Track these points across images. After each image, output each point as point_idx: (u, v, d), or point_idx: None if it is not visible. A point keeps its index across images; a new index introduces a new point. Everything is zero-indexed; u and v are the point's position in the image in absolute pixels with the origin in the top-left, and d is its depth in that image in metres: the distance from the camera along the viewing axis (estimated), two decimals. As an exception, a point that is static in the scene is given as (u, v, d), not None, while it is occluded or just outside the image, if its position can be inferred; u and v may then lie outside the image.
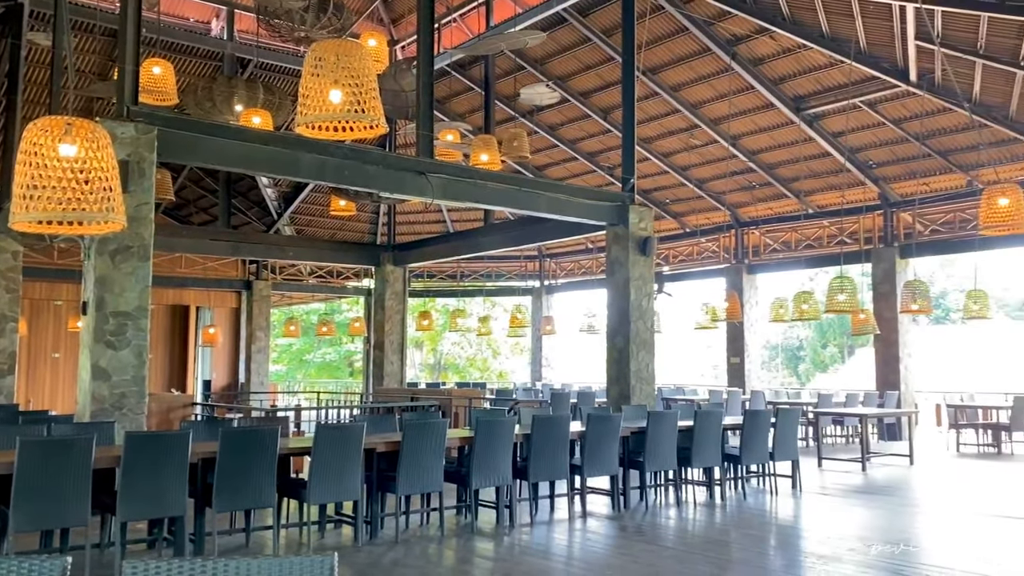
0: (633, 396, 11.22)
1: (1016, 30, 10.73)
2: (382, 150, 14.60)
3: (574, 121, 17.14)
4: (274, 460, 6.09)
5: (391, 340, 16.65)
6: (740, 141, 16.00)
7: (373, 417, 9.62)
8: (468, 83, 16.76)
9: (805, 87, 14.15)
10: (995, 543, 6.74)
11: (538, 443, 7.45)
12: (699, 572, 5.85)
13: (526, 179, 13.51)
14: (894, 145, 14.75)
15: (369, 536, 6.77)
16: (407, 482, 6.68)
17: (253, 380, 19.55)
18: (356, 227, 20.49)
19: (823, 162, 15.71)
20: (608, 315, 11.80)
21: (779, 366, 37.28)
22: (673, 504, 8.50)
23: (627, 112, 11.98)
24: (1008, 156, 13.80)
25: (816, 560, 6.18)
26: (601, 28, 14.18)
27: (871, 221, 16.05)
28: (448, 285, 22.69)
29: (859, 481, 10.32)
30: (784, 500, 8.82)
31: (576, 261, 22.11)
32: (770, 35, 13.03)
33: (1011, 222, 8.43)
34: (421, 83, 10.30)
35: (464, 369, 34.33)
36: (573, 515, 7.83)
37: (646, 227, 11.73)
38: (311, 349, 35.04)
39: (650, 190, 18.44)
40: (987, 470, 11.43)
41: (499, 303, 31.54)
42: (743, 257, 18.18)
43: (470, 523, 7.25)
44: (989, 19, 10.66)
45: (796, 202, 16.93)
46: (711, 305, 17.24)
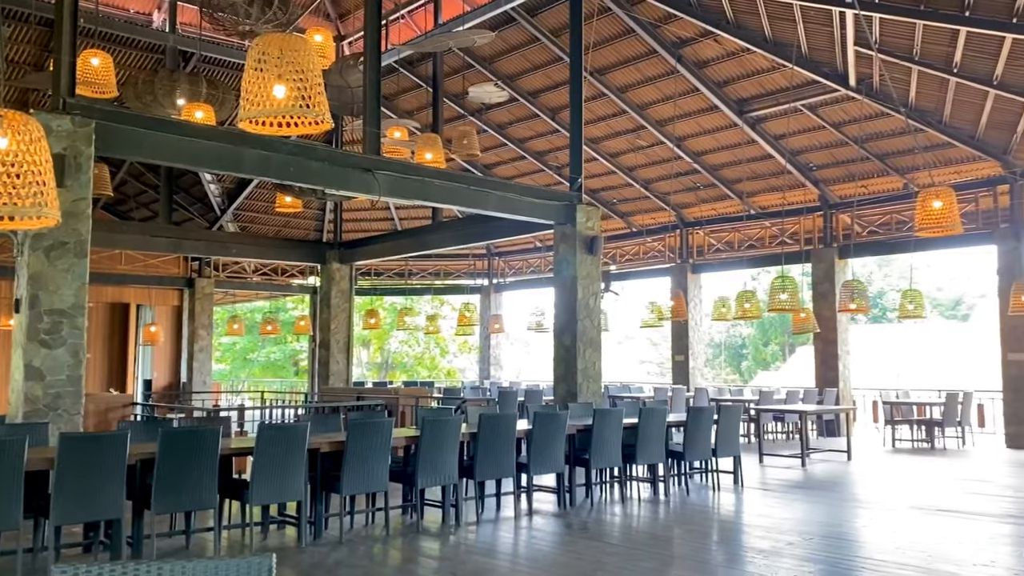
0: (580, 394, 11.30)
1: (949, 37, 11.08)
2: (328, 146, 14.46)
3: (523, 120, 17.19)
4: (215, 461, 5.99)
5: (337, 339, 16.49)
6: (685, 142, 16.22)
7: (318, 417, 9.52)
8: (416, 80, 16.68)
9: (748, 90, 14.40)
10: (927, 535, 6.95)
11: (484, 442, 7.45)
12: (643, 568, 5.92)
13: (474, 177, 13.50)
14: (834, 148, 15.12)
15: (313, 537, 6.70)
16: (352, 482, 6.63)
17: (195, 379, 19.18)
18: (302, 224, 20.24)
19: (765, 164, 16.02)
20: (555, 313, 11.86)
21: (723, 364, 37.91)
22: (618, 501, 8.59)
23: (575, 112, 12.05)
24: (942, 160, 14.25)
25: (756, 555, 6.31)
26: (549, 28, 14.25)
27: (811, 222, 16.43)
28: (396, 283, 22.56)
29: (799, 476, 10.55)
30: (726, 496, 8.98)
31: (525, 260, 22.17)
32: (714, 38, 13.23)
33: (945, 224, 8.71)
34: (368, 79, 10.22)
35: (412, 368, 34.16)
36: (519, 513, 7.86)
37: (593, 226, 11.82)
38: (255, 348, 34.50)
39: (597, 190, 18.59)
40: (921, 465, 11.78)
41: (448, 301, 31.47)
42: (688, 257, 18.44)
43: (416, 522, 7.22)
44: (924, 27, 10.99)
45: (739, 203, 17.23)
46: (657, 304, 17.46)
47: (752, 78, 14.04)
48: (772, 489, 9.53)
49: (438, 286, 23.07)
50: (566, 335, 11.57)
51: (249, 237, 18.72)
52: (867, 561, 6.12)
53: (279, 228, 20.22)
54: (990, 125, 12.98)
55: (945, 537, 6.87)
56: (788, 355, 34.88)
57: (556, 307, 11.83)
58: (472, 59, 15.52)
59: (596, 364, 11.70)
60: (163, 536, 6.52)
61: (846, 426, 13.35)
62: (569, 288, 11.56)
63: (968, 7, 10.14)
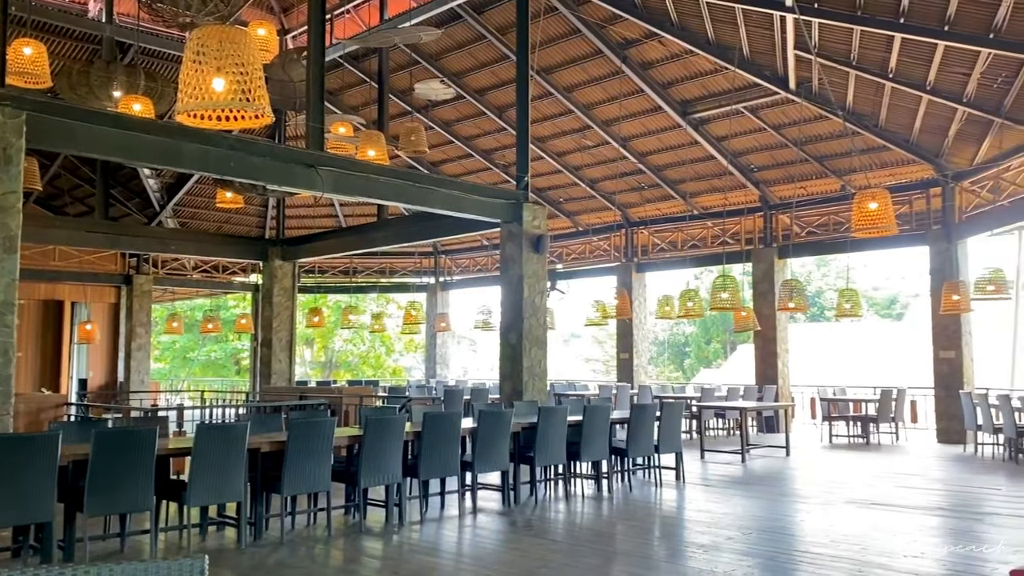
0: (526, 392, 11.33)
1: (885, 43, 11.39)
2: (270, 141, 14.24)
3: (469, 118, 17.16)
4: (151, 461, 5.85)
5: (279, 337, 16.25)
6: (630, 143, 16.38)
7: (259, 416, 9.38)
8: (362, 76, 16.53)
9: (692, 92, 14.61)
10: (861, 528, 7.14)
11: (429, 440, 7.42)
12: (586, 564, 5.96)
13: (420, 174, 13.43)
14: (774, 150, 15.42)
15: (253, 538, 6.59)
16: (293, 482, 6.54)
17: (133, 379, 18.72)
18: (243, 220, 19.91)
19: (708, 165, 16.26)
20: (502, 312, 11.87)
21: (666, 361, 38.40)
22: (562, 498, 8.63)
23: (521, 111, 12.07)
24: (878, 163, 14.64)
25: (697, 549, 6.40)
26: (496, 26, 14.25)
27: (752, 222, 16.74)
28: (340, 281, 22.32)
29: (739, 472, 10.74)
30: (668, 492, 9.10)
31: (472, 258, 22.14)
32: (659, 40, 13.38)
33: (880, 225, 8.96)
34: (311, 74, 10.09)
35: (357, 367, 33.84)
36: (464, 511, 7.85)
37: (539, 225, 11.85)
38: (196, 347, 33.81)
39: (544, 189, 18.66)
40: (856, 459, 12.10)
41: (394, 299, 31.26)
42: (633, 256, 18.63)
43: (359, 522, 7.16)
44: (861, 32, 11.28)
45: (683, 203, 17.47)
46: (602, 302, 17.61)
47: (695, 80, 14.25)
48: (713, 485, 9.68)
49: (384, 284, 22.90)
50: (512, 333, 11.58)
51: (189, 233, 18.33)
52: (804, 554, 6.26)
53: (220, 224, 19.85)
54: (924, 129, 13.38)
55: (878, 529, 7.06)
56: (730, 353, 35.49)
57: (502, 305, 11.84)
58: (418, 55, 15.45)
59: (542, 362, 11.74)
60: (96, 539, 6.35)
61: (785, 422, 13.64)
62: (515, 286, 11.58)
63: (903, 14, 10.44)
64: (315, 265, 21.51)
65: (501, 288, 11.93)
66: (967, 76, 11.51)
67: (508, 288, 11.73)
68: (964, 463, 11.63)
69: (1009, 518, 7.65)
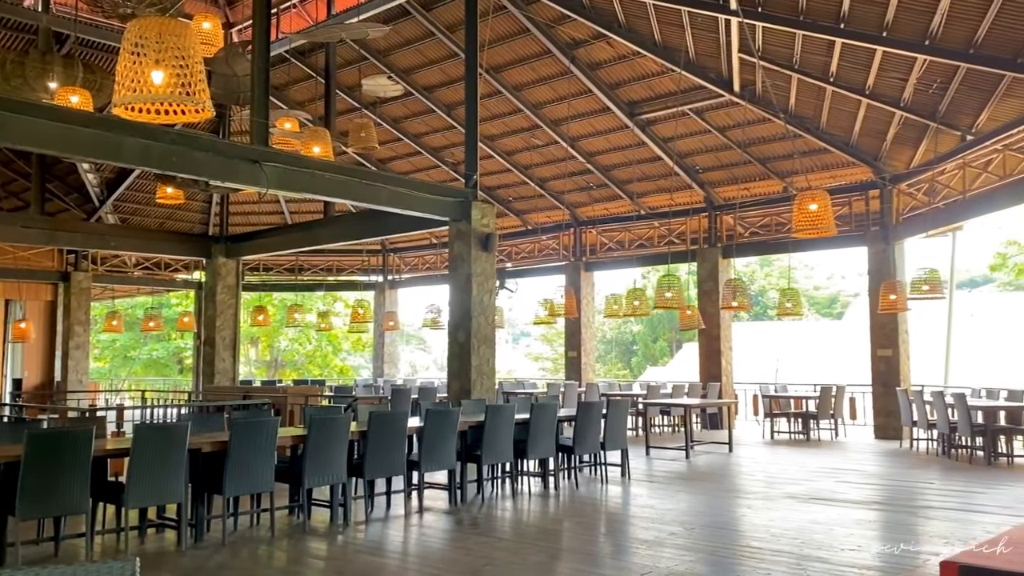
0: (474, 391, 11.32)
1: (826, 48, 11.65)
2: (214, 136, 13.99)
3: (418, 115, 17.08)
4: (87, 463, 5.71)
5: (223, 336, 15.97)
6: (579, 143, 16.48)
7: (201, 416, 9.22)
8: (308, 71, 16.33)
9: (639, 93, 14.75)
10: (801, 522, 7.30)
11: (374, 440, 7.37)
12: (531, 562, 5.98)
13: (367, 171, 13.31)
14: (719, 151, 15.67)
15: (194, 539, 6.48)
16: (235, 483, 6.44)
17: (71, 378, 18.23)
18: (186, 217, 19.52)
19: (654, 166, 16.45)
20: (450, 311, 11.84)
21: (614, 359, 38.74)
22: (509, 496, 8.65)
23: (470, 109, 12.05)
24: (819, 165, 14.97)
25: (641, 545, 6.47)
26: (445, 24, 14.20)
27: (697, 223, 16.98)
28: (286, 279, 22.03)
29: (683, 468, 10.89)
30: (614, 488, 9.18)
31: (420, 256, 22.05)
32: (607, 41, 13.49)
33: (819, 226, 9.16)
34: (256, 68, 9.93)
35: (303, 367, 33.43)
36: (410, 511, 7.82)
37: (488, 224, 11.85)
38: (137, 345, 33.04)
39: (493, 187, 18.67)
40: (797, 455, 12.35)
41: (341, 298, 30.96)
42: (581, 255, 18.75)
43: (303, 523, 7.08)
44: (803, 36, 11.52)
45: (630, 203, 17.64)
46: (550, 301, 17.68)
47: (642, 81, 14.39)
48: (658, 481, 9.80)
49: (331, 282, 22.66)
50: (460, 332, 11.56)
51: (130, 230, 17.91)
52: (744, 549, 6.38)
53: (162, 220, 19.43)
54: (863, 132, 13.73)
55: (817, 523, 7.22)
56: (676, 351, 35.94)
57: (451, 304, 11.81)
58: (366, 52, 15.33)
59: (490, 361, 11.74)
60: (30, 544, 6.17)
61: (728, 419, 13.87)
62: (464, 285, 11.56)
63: (843, 19, 10.70)
64: (260, 263, 21.20)
65: (449, 287, 11.90)
66: (904, 81, 11.84)
67: (456, 287, 11.70)
68: (900, 458, 11.97)
69: (941, 511, 7.89)
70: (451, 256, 11.92)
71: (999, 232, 28.43)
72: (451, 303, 11.81)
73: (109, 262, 19.72)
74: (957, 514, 7.68)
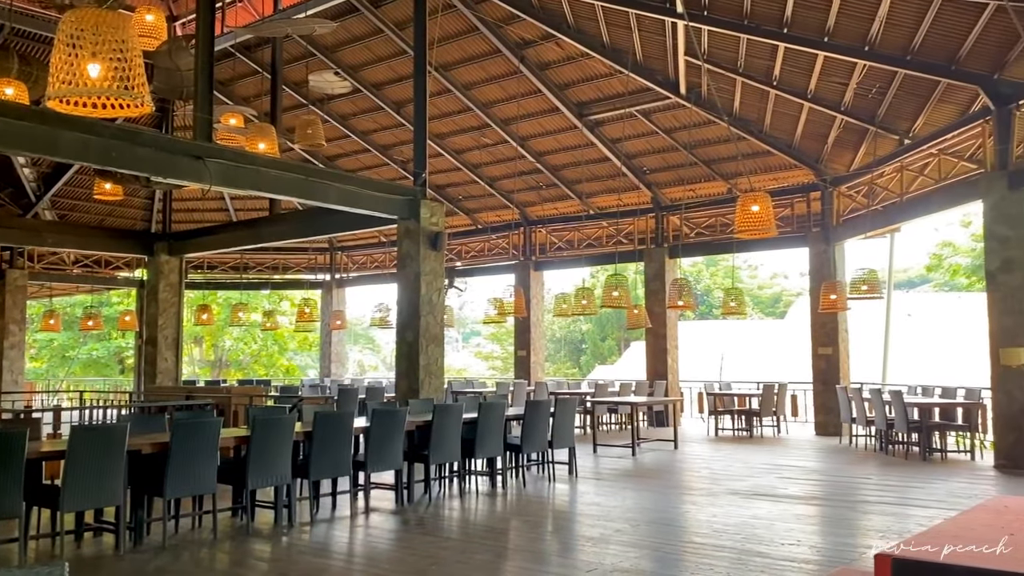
0: (422, 390, 11.27)
1: (769, 52, 11.88)
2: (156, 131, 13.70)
3: (367, 112, 16.95)
4: (21, 465, 5.54)
5: (165, 335, 15.65)
6: (528, 142, 16.53)
7: (141, 417, 9.03)
8: (254, 66, 16.09)
9: (587, 94, 14.86)
10: (743, 518, 7.43)
11: (319, 440, 7.30)
12: (477, 561, 5.99)
13: (314, 168, 13.16)
14: (665, 153, 15.86)
15: (133, 543, 6.34)
16: (176, 484, 6.32)
17: (6, 379, 17.68)
18: (128, 213, 19.07)
19: (603, 166, 16.58)
20: (398, 309, 11.78)
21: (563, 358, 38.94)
22: (457, 495, 8.65)
23: (419, 107, 12.00)
24: (762, 167, 15.26)
25: (587, 542, 6.53)
26: (393, 21, 14.11)
27: (644, 223, 17.17)
28: (231, 277, 21.66)
29: (629, 465, 11.01)
30: (561, 486, 9.24)
31: (369, 255, 21.89)
32: (556, 42, 13.55)
33: (761, 227, 9.34)
34: (200, 63, 9.75)
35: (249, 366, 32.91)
36: (356, 511, 7.76)
37: (437, 222, 11.81)
38: (76, 345, 32.17)
39: (443, 186, 18.62)
40: (740, 452, 12.58)
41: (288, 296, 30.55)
42: (531, 254, 18.81)
43: (246, 524, 6.98)
44: (747, 41, 11.73)
45: (579, 203, 17.76)
46: (500, 300, 17.69)
47: (591, 82, 14.49)
48: (604, 479, 9.89)
49: (277, 281, 22.35)
50: (409, 331, 11.51)
51: (68, 226, 17.46)
52: (688, 544, 6.47)
53: (103, 217, 18.95)
54: (805, 135, 14.03)
55: (758, 519, 7.36)
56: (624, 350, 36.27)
57: (399, 303, 11.75)
58: (313, 47, 15.15)
59: (439, 360, 11.71)
60: (-41, 550, 5.98)
61: (674, 417, 14.06)
62: (413, 284, 11.51)
63: (786, 24, 10.92)
64: (204, 260, 20.82)
65: (398, 285, 11.83)
66: (844, 86, 12.14)
67: (405, 285, 11.64)
68: (839, 454, 12.26)
69: (878, 505, 8.11)
70: (400, 254, 11.85)
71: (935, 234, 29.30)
72: (399, 302, 11.75)
73: (47, 259, 19.17)
74: (893, 508, 7.90)
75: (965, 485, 9.27)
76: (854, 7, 10.26)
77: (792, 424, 15.93)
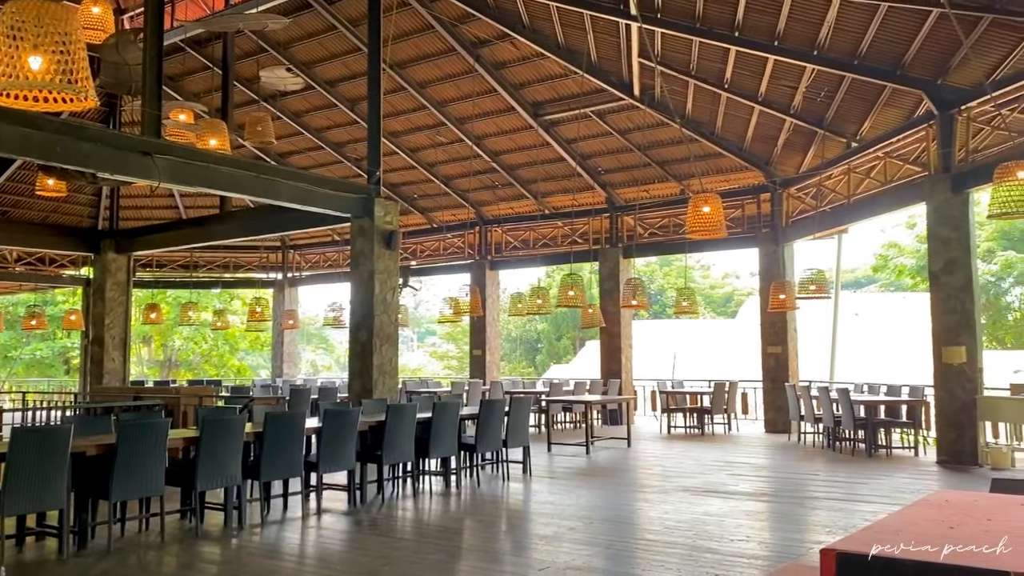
0: (376, 390, 11.20)
1: (721, 55, 12.04)
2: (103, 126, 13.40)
3: (320, 109, 16.79)
4: (-42, 470, 5.38)
5: (112, 335, 15.31)
6: (484, 141, 16.52)
7: (87, 418, 8.82)
8: (205, 62, 15.82)
9: (543, 94, 14.91)
10: (694, 514, 7.53)
11: (270, 441, 7.20)
12: (431, 560, 5.97)
13: (266, 166, 12.99)
14: (619, 154, 15.99)
15: (77, 547, 6.19)
16: (122, 487, 6.18)
17: (-58, 380, 17.13)
18: (73, 210, 18.61)
19: (558, 166, 16.65)
20: (352, 309, 11.69)
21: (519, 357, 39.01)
22: (410, 495, 8.61)
23: (373, 104, 11.92)
24: (714, 168, 15.46)
25: (540, 541, 6.55)
26: (347, 17, 14.01)
27: (599, 223, 17.29)
28: (180, 276, 21.28)
29: (583, 464, 11.07)
30: (515, 485, 9.26)
31: (322, 253, 21.67)
32: (511, 41, 13.58)
33: (711, 227, 9.46)
34: (148, 57, 9.56)
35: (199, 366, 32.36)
36: (307, 513, 7.68)
37: (392, 221, 11.75)
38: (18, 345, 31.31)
39: (397, 184, 18.52)
40: (692, 449, 12.73)
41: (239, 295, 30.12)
42: (486, 254, 18.81)
43: (195, 527, 6.86)
44: (700, 43, 11.87)
45: (534, 203, 17.81)
46: (455, 299, 17.67)
47: (546, 83, 14.55)
48: (558, 477, 9.93)
49: (227, 279, 22.01)
50: (362, 331, 11.43)
51: (10, 223, 16.99)
52: (640, 542, 6.53)
53: (47, 214, 18.46)
54: (755, 138, 14.25)
55: (709, 515, 7.46)
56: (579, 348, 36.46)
57: (352, 302, 11.66)
58: (266, 43, 14.95)
59: (392, 360, 11.65)
60: None
61: (627, 415, 14.17)
62: (366, 283, 11.43)
63: (738, 28, 11.08)
64: (153, 258, 20.42)
65: (351, 284, 11.74)
66: (794, 89, 12.36)
67: (359, 284, 11.56)
68: (788, 451, 12.48)
69: (825, 501, 8.28)
70: (353, 253, 11.76)
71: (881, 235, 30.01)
72: (353, 301, 11.66)
73: (-13, 257, 18.64)
74: (840, 504, 8.07)
75: (909, 480, 9.50)
76: (803, 12, 10.45)
77: (743, 422, 16.17)
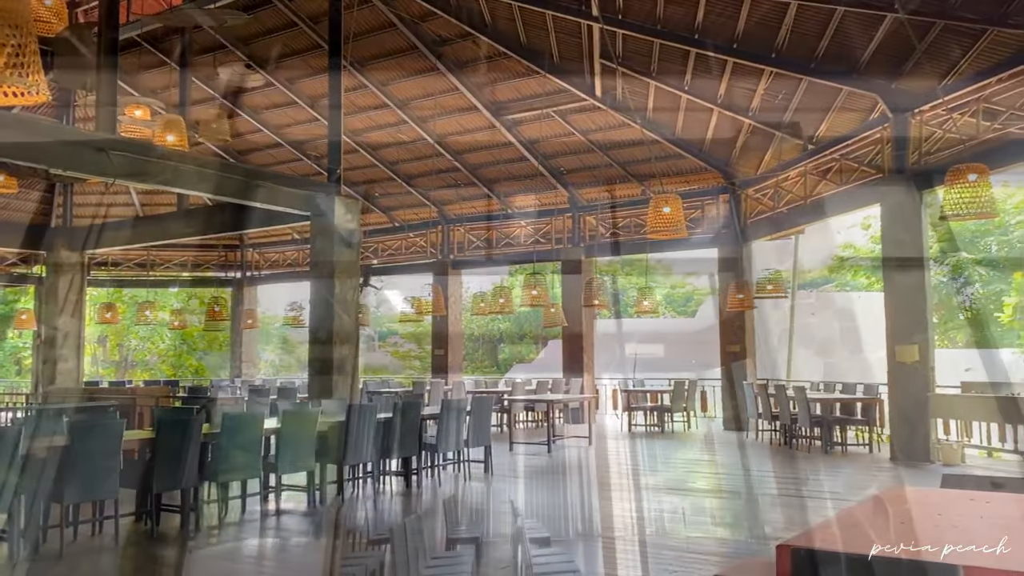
0: (336, 390, 11.10)
1: (681, 57, 12.16)
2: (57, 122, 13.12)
3: (280, 107, 16.61)
4: (-97, 473, 5.24)
5: (66, 334, 15.00)
6: (446, 140, 16.48)
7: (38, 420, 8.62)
8: (163, 57, 15.56)
9: (505, 94, 14.92)
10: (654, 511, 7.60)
11: (228, 442, 7.12)
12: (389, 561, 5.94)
13: (224, 163, 12.84)
14: (582, 154, 16.06)
15: (29, 551, 6.06)
16: (75, 489, 6.07)
17: None
18: (24, 207, 18.19)
19: (521, 166, 16.68)
20: (311, 308, 11.58)
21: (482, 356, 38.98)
22: (371, 496, 8.57)
23: (333, 102, 11.82)
24: (674, 169, 15.61)
25: (500, 539, 6.55)
26: (308, 14, 13.88)
27: (562, 223, 17.35)
28: (137, 274, 20.92)
29: (545, 462, 11.11)
30: (476, 485, 9.26)
31: (281, 252, 21.45)
32: (473, 40, 13.56)
33: (671, 228, 9.55)
34: (103, 51, 9.38)
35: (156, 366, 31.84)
36: (266, 514, 7.61)
37: (352, 220, 11.66)
38: (-33, 345, 30.53)
39: (359, 183, 18.40)
40: (652, 447, 12.84)
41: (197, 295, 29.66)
42: (449, 253, 18.77)
43: (151, 529, 6.75)
44: (660, 45, 11.97)
45: (497, 202, 17.82)
46: (418, 298, 17.60)
47: (508, 82, 14.55)
48: (520, 476, 9.95)
49: (185, 278, 21.67)
50: (322, 330, 11.32)
51: (-42, 219, 16.53)
52: (600, 539, 6.57)
53: (-3, 210, 18.04)
54: (714, 140, 14.41)
55: (668, 512, 7.54)
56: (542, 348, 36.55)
57: (312, 302, 11.55)
58: (225, 39, 14.75)
59: (353, 359, 11.57)
60: None
61: (589, 413, 14.25)
62: (326, 282, 11.32)
63: (697, 30, 11.19)
64: (108, 257, 20.05)
65: (311, 284, 11.64)
66: (753, 92, 12.52)
67: (318, 283, 11.45)
68: (746, 448, 12.65)
69: (781, 497, 8.41)
70: (313, 252, 11.65)
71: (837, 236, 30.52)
72: (313, 301, 11.55)
73: (-66, 255, 18.15)
74: (796, 500, 8.20)
75: (863, 477, 9.69)
76: (762, 15, 10.59)
77: (702, 419, 16.35)
